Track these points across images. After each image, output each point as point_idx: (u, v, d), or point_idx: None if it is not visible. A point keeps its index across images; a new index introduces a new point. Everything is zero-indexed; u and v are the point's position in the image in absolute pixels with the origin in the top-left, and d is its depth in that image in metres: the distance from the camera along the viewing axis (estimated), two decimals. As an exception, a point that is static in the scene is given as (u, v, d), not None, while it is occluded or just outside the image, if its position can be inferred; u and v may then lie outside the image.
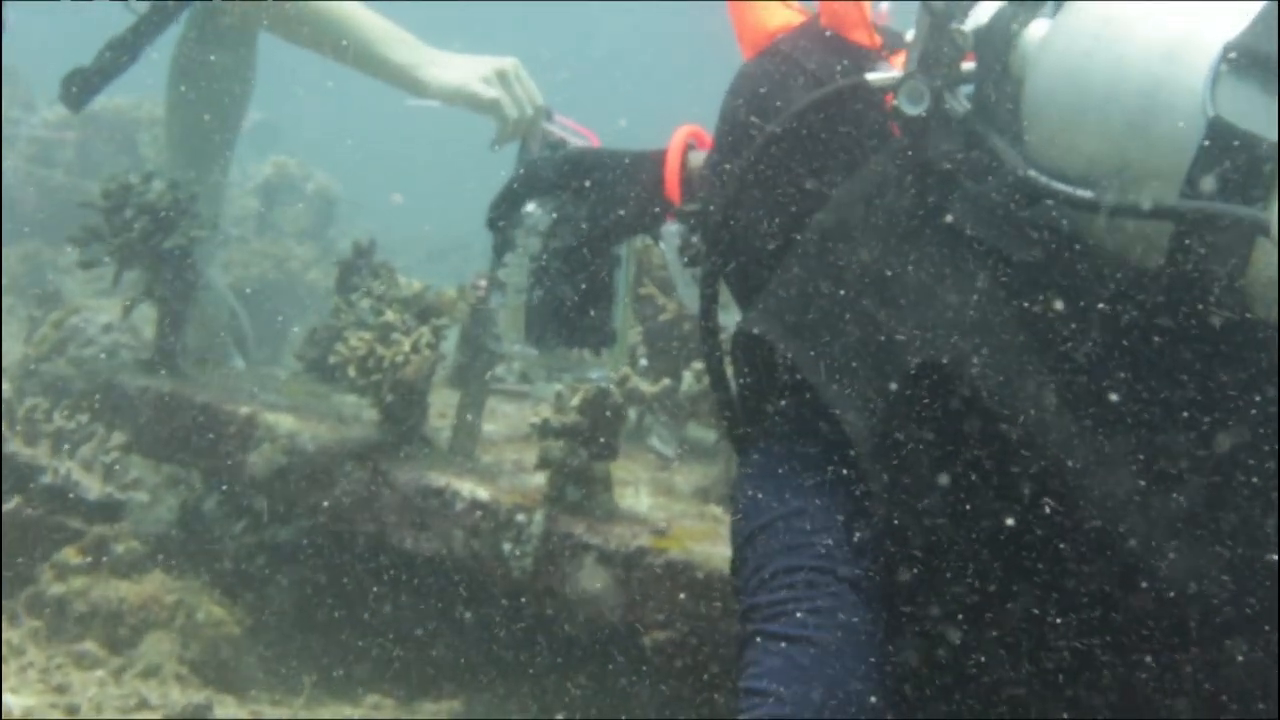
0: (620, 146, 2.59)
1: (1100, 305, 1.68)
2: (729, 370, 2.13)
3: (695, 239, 2.35)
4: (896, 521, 1.74)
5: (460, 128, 3.72)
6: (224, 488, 4.10)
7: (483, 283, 4.34)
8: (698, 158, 2.45)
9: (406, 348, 3.59)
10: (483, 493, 3.47)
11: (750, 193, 2.06)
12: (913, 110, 1.86)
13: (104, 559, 3.68)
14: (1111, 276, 1.69)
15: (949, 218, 1.81)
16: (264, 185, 9.42)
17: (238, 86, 4.73)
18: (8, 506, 3.67)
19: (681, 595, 3.17)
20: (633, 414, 3.97)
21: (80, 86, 3.98)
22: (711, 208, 2.19)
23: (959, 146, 1.85)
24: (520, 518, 3.40)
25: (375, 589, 3.80)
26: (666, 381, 3.81)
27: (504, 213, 2.59)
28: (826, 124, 2.03)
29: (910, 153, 1.89)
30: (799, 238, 1.96)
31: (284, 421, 3.85)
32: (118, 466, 3.82)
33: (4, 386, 4.00)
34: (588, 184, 2.51)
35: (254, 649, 3.73)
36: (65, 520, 3.73)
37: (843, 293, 1.83)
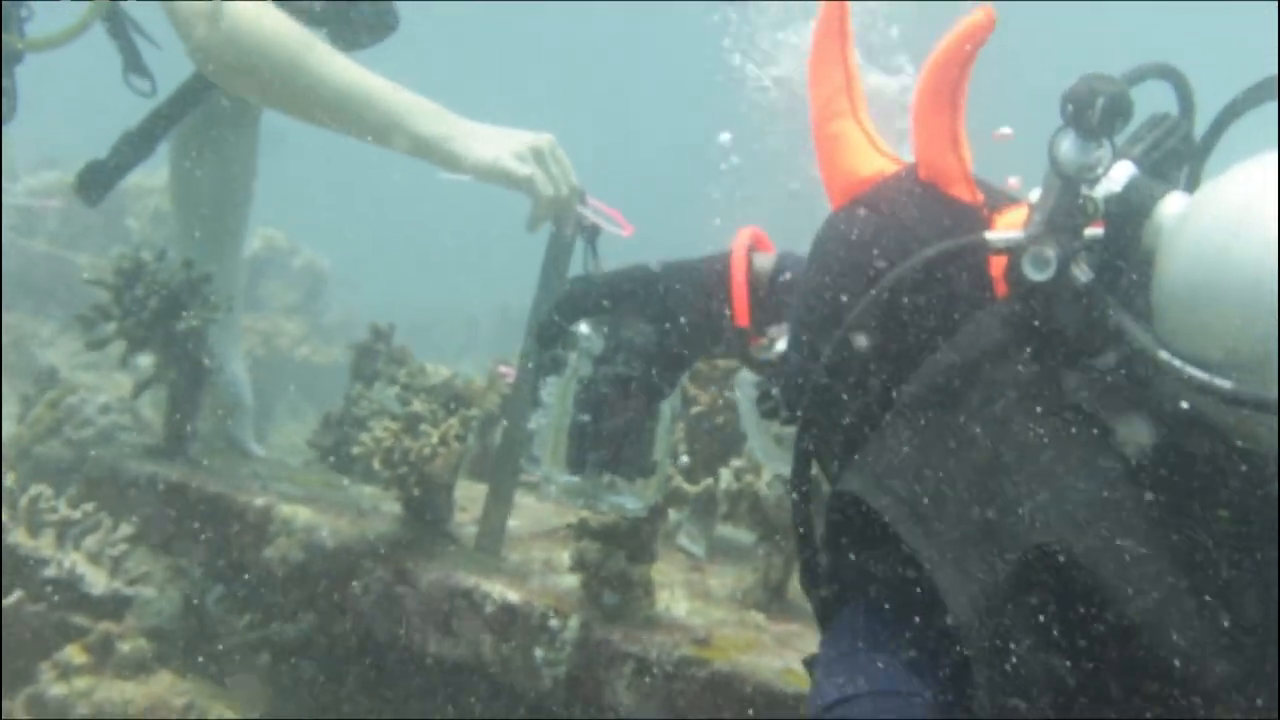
0: (675, 258, 2.41)
1: (1225, 493, 1.56)
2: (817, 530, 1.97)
3: (775, 392, 2.22)
4: (1000, 714, 1.60)
5: (441, 201, 3.57)
6: (229, 581, 3.89)
7: (503, 369, 4.20)
8: (763, 261, 2.32)
9: (435, 440, 3.43)
10: (513, 595, 3.31)
11: (852, 355, 1.92)
12: (1037, 277, 1.73)
13: (109, 658, 3.49)
14: (1236, 463, 1.57)
15: (1069, 393, 1.69)
16: (251, 259, 9.27)
17: (245, 165, 4.57)
18: (8, 601, 3.48)
19: (727, 711, 3.00)
20: (672, 514, 3.81)
21: (98, 181, 3.83)
22: (799, 363, 2.07)
23: (1080, 318, 1.73)
24: (554, 622, 3.23)
25: (393, 694, 3.60)
26: (709, 482, 3.65)
27: (556, 331, 2.43)
28: (934, 283, 1.90)
29: (1028, 321, 1.77)
30: (902, 399, 1.82)
31: (301, 514, 3.68)
32: (125, 560, 3.63)
33: (4, 473, 3.80)
34: (647, 306, 2.37)
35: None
36: (68, 616, 3.54)
37: (952, 464, 1.71)
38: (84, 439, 4.61)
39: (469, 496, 3.98)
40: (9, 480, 3.75)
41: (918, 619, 1.75)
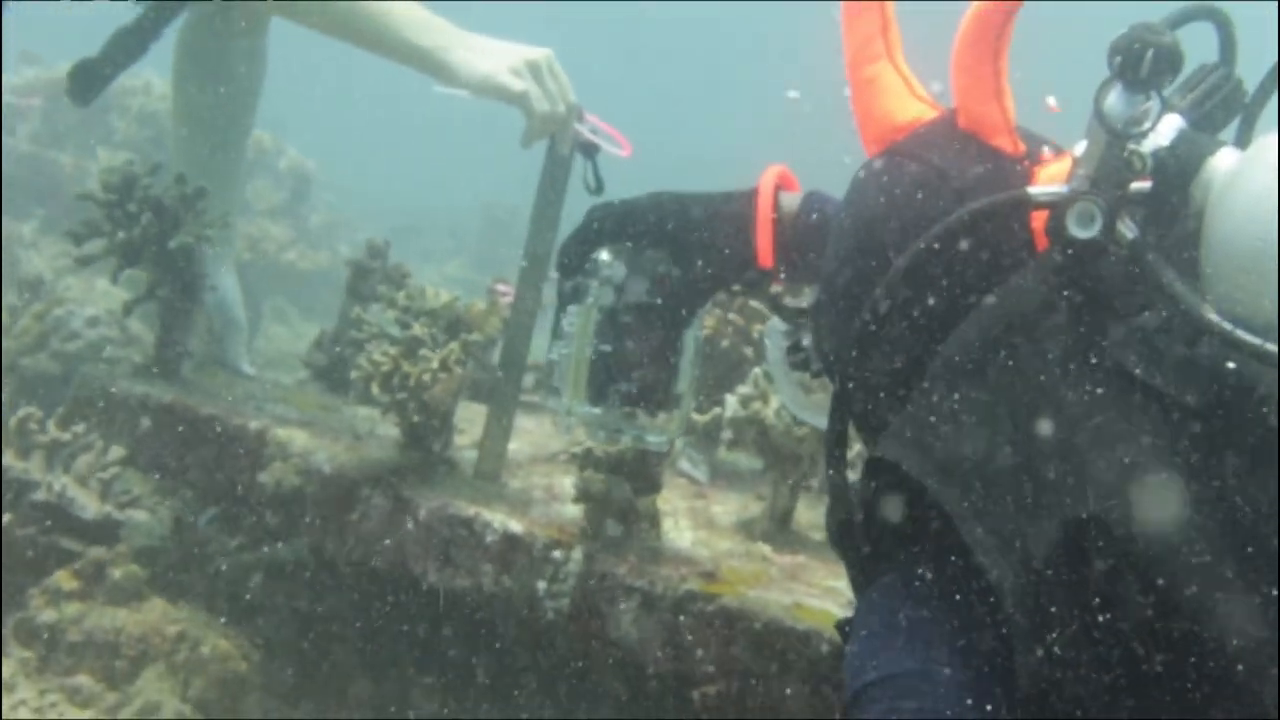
0: (698, 190, 2.35)
1: (1270, 458, 1.50)
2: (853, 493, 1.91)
3: (806, 343, 2.19)
4: (1042, 692, 1.55)
5: (423, 101, 3.47)
6: (222, 504, 3.81)
7: (501, 287, 4.10)
8: (789, 201, 2.25)
9: (435, 365, 3.34)
10: (515, 525, 3.24)
11: (892, 311, 1.86)
12: (1082, 233, 1.68)
13: (100, 584, 3.41)
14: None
15: (1112, 353, 1.64)
16: (240, 163, 9.13)
17: (251, 75, 4.43)
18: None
19: (735, 647, 2.94)
20: (678, 443, 3.73)
21: (88, 81, 3.70)
22: (833, 316, 2.01)
23: (1124, 276, 1.68)
24: (557, 554, 3.17)
25: (393, 625, 3.54)
26: (718, 411, 3.57)
27: (577, 259, 2.36)
28: (977, 238, 1.83)
29: (1070, 278, 1.72)
30: (941, 359, 1.78)
31: (297, 438, 3.60)
32: (116, 483, 3.55)
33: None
34: (668, 234, 2.30)
35: (261, 686, 3.46)
36: (59, 541, 3.47)
37: (993, 428, 1.66)
38: (71, 352, 4.51)
39: (466, 417, 3.90)
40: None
41: (958, 589, 1.69)
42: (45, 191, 7.87)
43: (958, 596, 1.69)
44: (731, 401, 3.56)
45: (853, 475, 1.92)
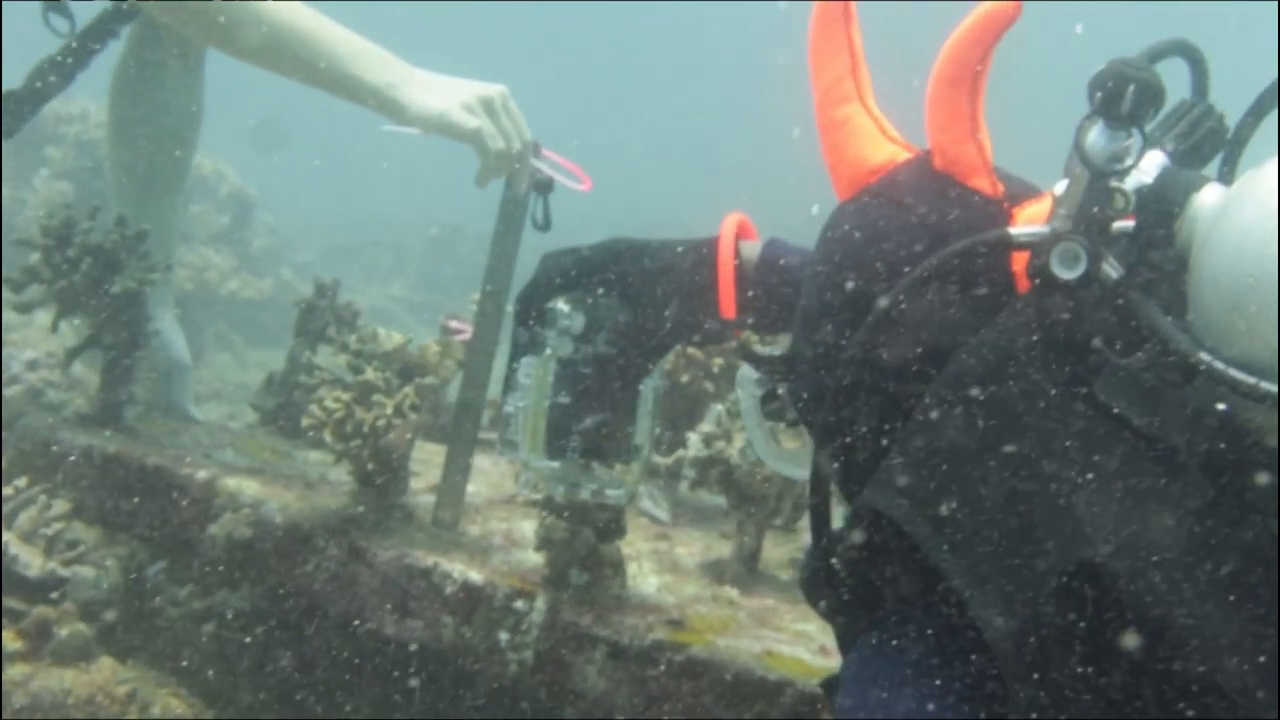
0: (658, 237, 2.29)
1: (1263, 497, 1.48)
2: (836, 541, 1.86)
3: (781, 391, 2.13)
4: None
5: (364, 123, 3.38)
6: (171, 558, 3.70)
7: (454, 324, 4.01)
8: (750, 250, 2.20)
9: (389, 410, 3.25)
10: (475, 574, 3.16)
11: (871, 358, 1.81)
12: (1066, 274, 1.63)
13: (45, 644, 3.29)
14: (1275, 466, 1.48)
15: (1100, 396, 1.59)
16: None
17: (187, 115, 4.31)
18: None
19: (705, 697, 2.87)
20: (643, 492, 3.65)
21: (14, 111, 3.59)
22: (810, 363, 1.95)
23: (1109, 317, 1.64)
24: (519, 604, 3.08)
25: (351, 680, 3.44)
26: (681, 453, 3.49)
27: (533, 309, 2.29)
28: (957, 281, 1.79)
29: (1054, 321, 1.67)
30: (925, 405, 1.72)
31: (247, 487, 3.49)
32: (60, 538, 3.43)
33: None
34: (625, 284, 2.24)
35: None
36: (2, 600, 3.33)
37: (981, 474, 1.61)
38: (10, 397, 4.38)
39: (421, 459, 3.82)
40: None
41: (951, 639, 1.66)
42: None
43: (949, 644, 1.65)
44: (694, 440, 3.49)
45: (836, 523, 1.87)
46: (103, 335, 3.75)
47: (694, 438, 3.49)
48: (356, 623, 3.26)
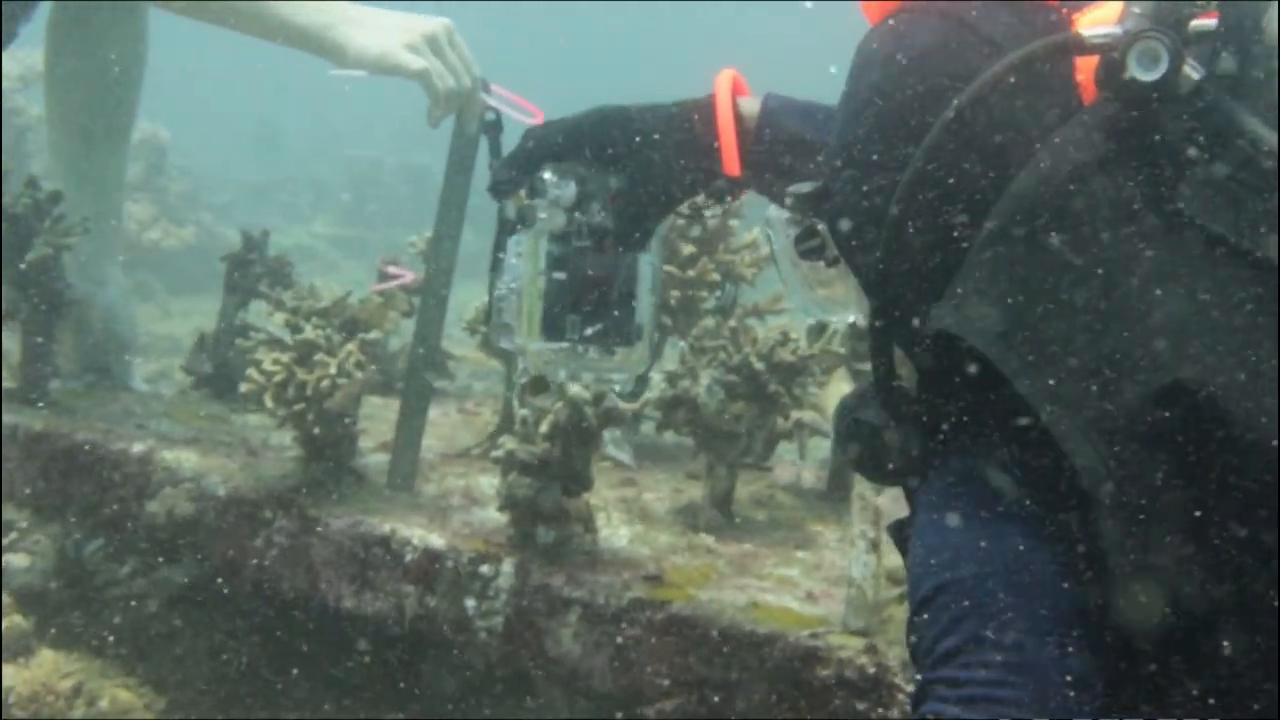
0: (647, 101, 2.17)
1: None
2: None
3: (820, 228, 1.97)
4: (1133, 582, 1.46)
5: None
6: (107, 537, 3.49)
7: (392, 269, 3.80)
8: (748, 105, 2.10)
9: (333, 370, 3.04)
10: (436, 539, 2.99)
11: (930, 179, 1.70)
12: (1146, 76, 1.54)
13: (-19, 641, 3.09)
14: None
15: (1181, 207, 1.52)
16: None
17: (128, 65, 4.07)
18: None
19: (690, 657, 2.70)
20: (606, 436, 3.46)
21: None
22: (852, 195, 1.84)
23: (1189, 121, 1.55)
24: (485, 569, 2.91)
25: (308, 657, 3.25)
26: (648, 396, 3.30)
27: (516, 182, 2.16)
28: (1019, 93, 1.68)
29: (1130, 127, 1.58)
30: (992, 225, 1.63)
31: (186, 459, 3.29)
32: (-13, 528, 3.23)
33: None
34: (617, 149, 2.12)
35: (170, 739, 3.17)
36: (-74, 598, 3.13)
37: (1054, 294, 1.55)
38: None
39: (366, 414, 3.62)
40: None
41: (1031, 476, 1.58)
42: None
43: (1029, 481, 1.58)
44: (657, 381, 3.31)
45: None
46: (18, 306, 3.52)
47: (656, 378, 3.31)
48: (312, 598, 3.07)
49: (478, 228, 4.10)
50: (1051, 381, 1.51)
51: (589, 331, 2.14)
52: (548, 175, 2.11)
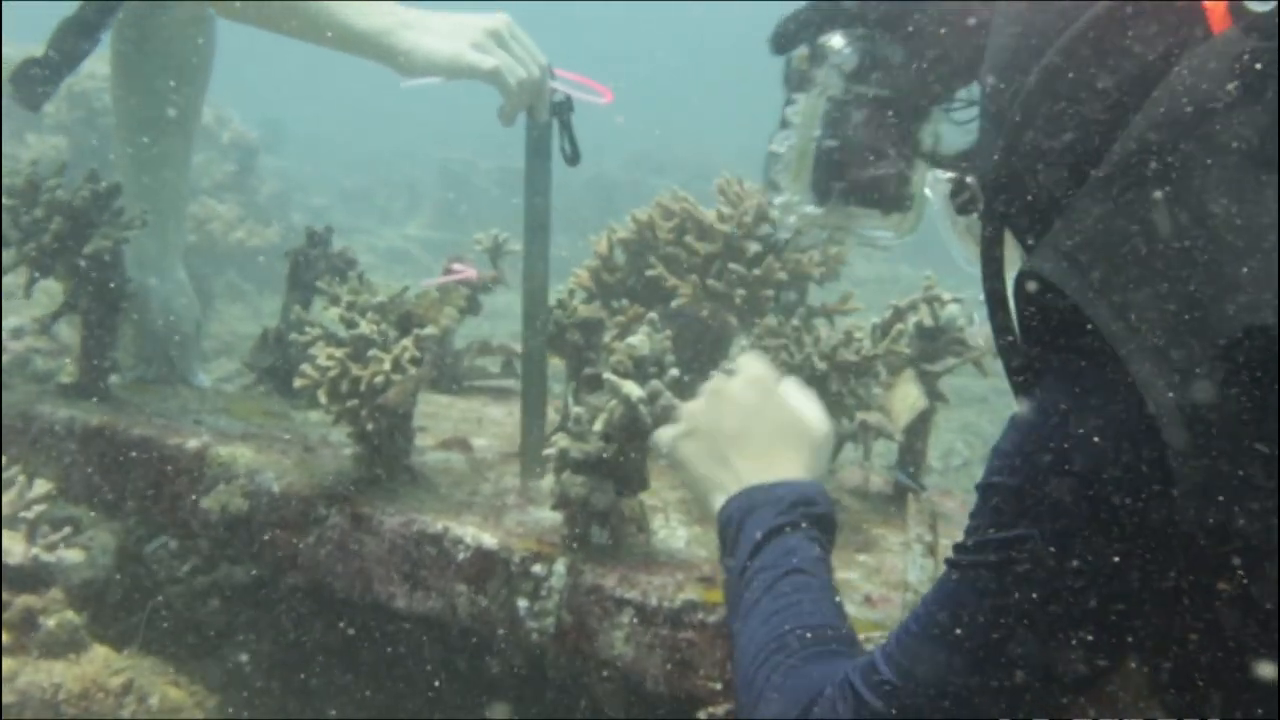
0: None
1: None
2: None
3: (971, 180, 2.05)
4: (1209, 522, 1.48)
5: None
6: (167, 533, 3.48)
7: (457, 266, 3.76)
8: None
9: (387, 366, 3.00)
10: (489, 538, 2.93)
11: (1037, 117, 1.73)
12: (1261, 6, 1.53)
13: (32, 636, 3.08)
14: None
15: None
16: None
17: (194, 45, 4.07)
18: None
19: (744, 662, 2.63)
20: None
21: (39, 80, 3.39)
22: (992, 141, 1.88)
23: None
24: (537, 568, 2.85)
25: (360, 657, 3.22)
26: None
27: (802, 41, 2.22)
28: (1138, 23, 1.68)
29: (1257, 61, 1.54)
30: (1107, 163, 1.63)
31: (241, 455, 3.26)
32: (43, 522, 3.21)
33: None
34: (906, 22, 2.14)
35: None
36: (-18, 590, 3.13)
37: (1153, 235, 1.55)
38: (-3, 366, 4.16)
39: (428, 413, 3.58)
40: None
41: (1115, 414, 1.60)
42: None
43: (1114, 420, 1.59)
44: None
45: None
46: (78, 300, 3.51)
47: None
48: (364, 596, 3.04)
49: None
50: (1136, 323, 1.51)
51: (857, 196, 2.17)
52: (834, 40, 2.15)
